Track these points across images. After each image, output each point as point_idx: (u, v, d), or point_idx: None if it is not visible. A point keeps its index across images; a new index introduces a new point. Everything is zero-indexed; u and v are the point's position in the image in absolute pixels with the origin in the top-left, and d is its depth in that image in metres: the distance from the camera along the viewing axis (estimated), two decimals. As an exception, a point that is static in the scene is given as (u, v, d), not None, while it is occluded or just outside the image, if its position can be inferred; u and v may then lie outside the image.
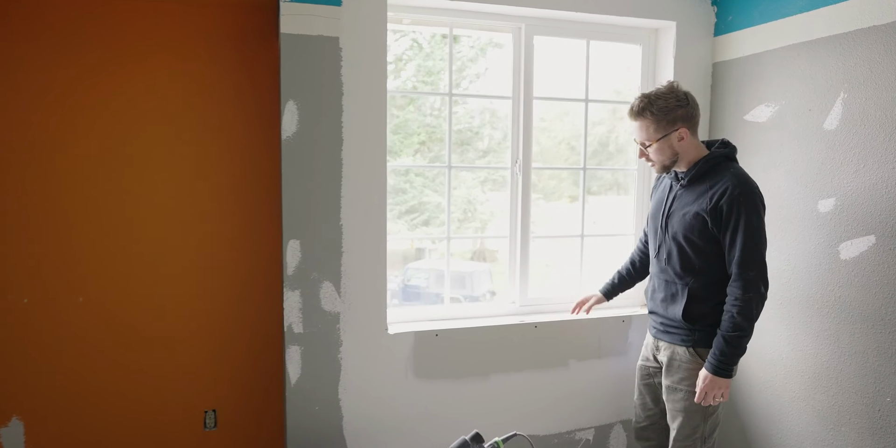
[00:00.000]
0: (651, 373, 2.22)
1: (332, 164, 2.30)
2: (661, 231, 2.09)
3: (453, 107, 2.58)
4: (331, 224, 2.32)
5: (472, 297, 5.95)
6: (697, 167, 1.97)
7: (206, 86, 2.48)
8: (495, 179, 2.95)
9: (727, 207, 1.87)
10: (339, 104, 2.28)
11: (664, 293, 2.08)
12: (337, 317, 2.37)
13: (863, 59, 2.07)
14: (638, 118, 1.95)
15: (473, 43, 2.75)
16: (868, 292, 2.08)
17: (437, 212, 2.82)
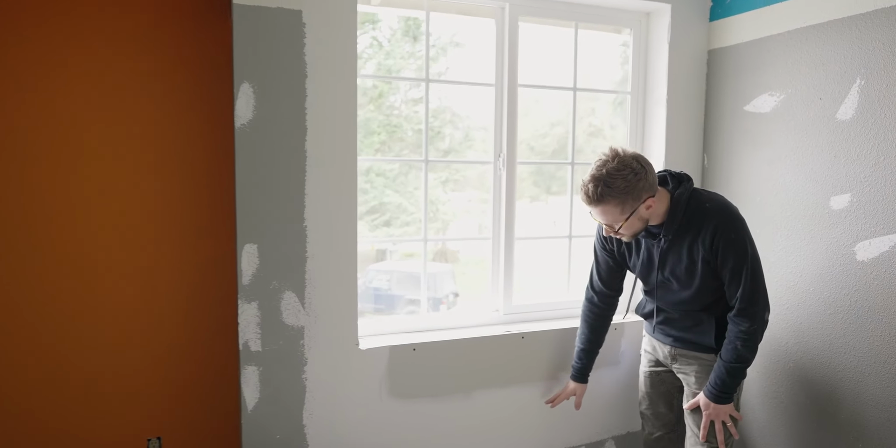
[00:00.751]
0: (664, 379, 2.12)
1: (295, 156, 2.00)
2: (665, 286, 1.96)
3: (414, 106, 2.38)
4: (293, 225, 2.02)
5: (436, 299, 5.71)
6: (676, 221, 1.82)
7: (152, 68, 2.14)
8: (457, 179, 2.90)
9: (723, 247, 1.77)
10: (303, 88, 1.99)
11: (685, 323, 1.97)
12: (301, 331, 2.07)
13: (883, 41, 1.90)
14: (598, 205, 1.73)
15: (435, 41, 2.59)
16: (890, 297, 1.91)
17: (399, 212, 2.64)
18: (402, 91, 2.68)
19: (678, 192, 1.82)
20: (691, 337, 1.96)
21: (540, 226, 2.74)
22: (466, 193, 2.97)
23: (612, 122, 2.85)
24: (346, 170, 2.07)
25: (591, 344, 2.22)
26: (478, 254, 3.36)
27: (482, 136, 2.60)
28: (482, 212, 2.64)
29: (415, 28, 2.45)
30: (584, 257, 2.67)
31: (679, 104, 2.51)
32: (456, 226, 2.95)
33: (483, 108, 2.46)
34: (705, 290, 1.86)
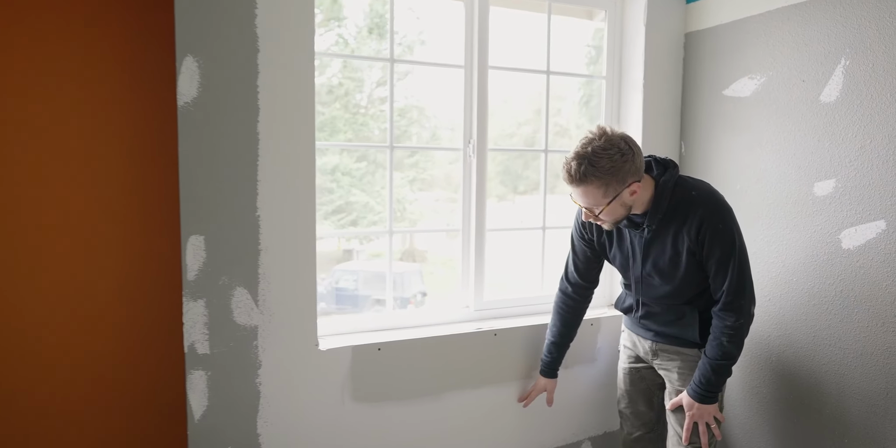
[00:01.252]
0: (644, 375, 2.02)
1: (246, 138, 1.82)
2: (646, 280, 1.85)
3: (380, 105, 2.26)
4: (244, 215, 1.84)
5: (404, 299, 5.57)
6: (661, 209, 1.70)
7: (82, 39, 1.92)
8: (424, 179, 2.87)
9: (710, 237, 1.67)
10: (255, 63, 1.81)
11: (668, 317, 1.87)
12: (254, 331, 1.89)
13: (869, 18, 1.82)
14: (581, 185, 1.61)
15: (401, 40, 2.49)
16: (876, 286, 1.83)
17: (366, 211, 2.56)
18: (367, 89, 2.62)
19: (663, 180, 1.70)
20: (674, 331, 1.86)
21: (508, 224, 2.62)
22: (434, 193, 2.89)
23: (577, 122, 2.80)
24: (304, 155, 1.89)
25: (563, 337, 2.11)
26: (446, 253, 3.29)
27: (449, 136, 2.52)
28: (450, 211, 2.57)
29: (381, 26, 2.35)
30: (559, 250, 2.55)
31: (656, 89, 2.41)
32: (424, 224, 2.88)
33: (451, 108, 2.35)
34: (689, 283, 1.76)
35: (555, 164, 2.50)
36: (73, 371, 1.98)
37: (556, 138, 2.81)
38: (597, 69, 2.58)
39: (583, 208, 1.70)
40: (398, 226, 2.30)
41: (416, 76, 2.53)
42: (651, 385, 2.02)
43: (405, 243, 3.80)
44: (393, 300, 2.24)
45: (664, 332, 1.88)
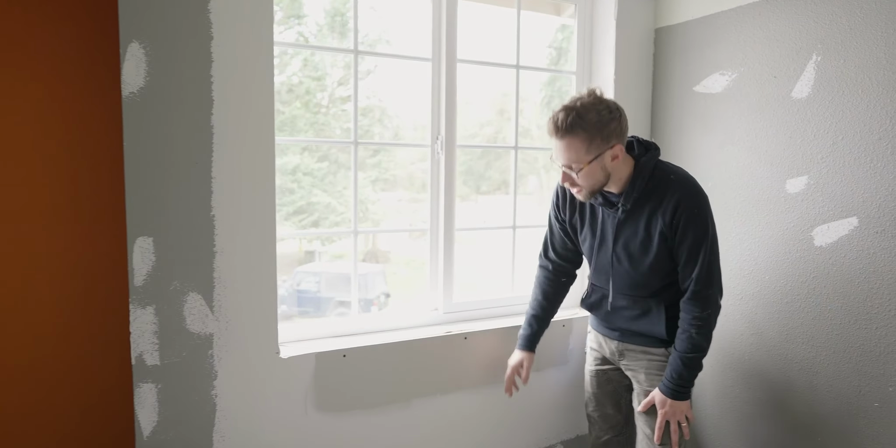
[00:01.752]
0: (611, 377, 1.96)
1: (199, 131, 1.69)
2: (615, 263, 1.77)
3: (342, 105, 2.17)
4: (198, 215, 1.71)
5: (367, 300, 5.45)
6: (637, 188, 1.65)
7: (18, 22, 1.75)
8: (387, 179, 2.86)
9: (684, 222, 1.62)
10: (208, 51, 1.68)
11: (634, 312, 1.82)
12: (209, 339, 1.76)
13: (840, 14, 1.80)
14: (566, 136, 1.56)
15: (363, 39, 2.42)
16: (849, 282, 1.82)
17: (328, 212, 2.48)
18: (329, 88, 2.56)
19: (644, 159, 1.66)
20: (640, 328, 1.80)
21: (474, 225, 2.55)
22: (396, 193, 2.83)
23: (539, 123, 2.78)
24: (263, 149, 1.77)
25: (544, 311, 2.04)
26: (410, 254, 3.23)
27: (411, 136, 2.45)
28: (413, 211, 2.50)
29: (342, 24, 2.27)
30: (530, 250, 2.48)
31: (626, 85, 2.37)
32: (386, 225, 2.85)
33: (413, 107, 2.27)
34: (657, 272, 1.71)
35: (524, 162, 2.44)
36: (6, 385, 1.81)
37: (518, 139, 2.77)
38: (560, 68, 2.53)
39: (562, 169, 1.62)
40: (361, 225, 2.19)
41: (379, 76, 2.46)
42: (618, 387, 1.95)
43: (368, 244, 3.71)
44: (357, 302, 2.14)
45: (630, 330, 1.83)
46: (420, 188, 2.78)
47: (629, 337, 1.84)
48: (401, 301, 3.88)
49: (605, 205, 1.72)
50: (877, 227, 1.75)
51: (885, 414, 1.76)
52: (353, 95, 2.06)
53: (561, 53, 2.68)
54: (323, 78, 2.48)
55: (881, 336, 1.76)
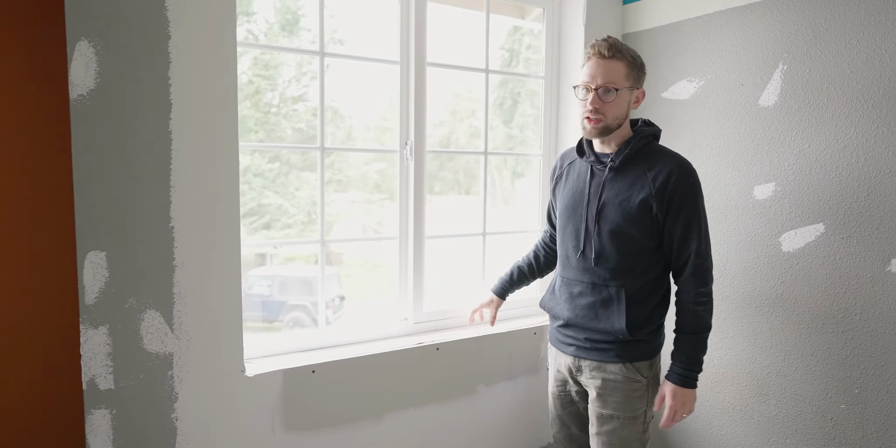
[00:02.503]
0: (573, 398, 1.82)
1: (156, 137, 1.57)
2: (587, 225, 1.69)
3: (293, 105, 2.22)
4: (155, 226, 1.59)
5: None
6: (630, 146, 1.63)
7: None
8: (339, 180, 2.75)
9: (679, 192, 1.58)
10: (165, 51, 1.57)
11: (591, 299, 1.69)
12: (169, 359, 1.64)
13: (806, 24, 1.84)
14: (612, 58, 1.58)
15: (314, 38, 2.34)
16: (816, 287, 1.86)
17: (279, 214, 2.43)
18: (280, 87, 2.51)
19: (642, 128, 1.68)
20: (598, 324, 1.66)
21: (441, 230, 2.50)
22: (349, 194, 2.75)
23: (492, 124, 2.76)
24: (226, 156, 1.67)
25: (529, 268, 2.08)
26: (363, 255, 3.16)
27: (364, 136, 2.39)
28: (366, 213, 2.46)
29: (293, 23, 2.19)
30: (500, 257, 2.45)
31: (595, 90, 2.36)
32: (340, 227, 2.74)
33: (367, 107, 2.21)
34: (629, 241, 1.62)
35: (478, 163, 2.39)
36: (-62, 417, 1.64)
37: (471, 139, 2.75)
38: (513, 69, 2.51)
39: (594, 91, 1.58)
40: (314, 228, 2.11)
41: (331, 75, 2.40)
42: (583, 407, 1.83)
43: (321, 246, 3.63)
44: (311, 305, 2.05)
45: (587, 330, 1.69)
46: (373, 189, 2.72)
47: (587, 345, 1.70)
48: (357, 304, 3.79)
49: (595, 162, 1.68)
50: (843, 233, 1.79)
51: (852, 416, 1.80)
52: (319, 99, 1.97)
53: (513, 55, 2.66)
54: (274, 77, 2.38)
55: (847, 339, 1.80)
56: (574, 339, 1.74)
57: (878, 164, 1.71)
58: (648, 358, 1.68)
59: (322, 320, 2.09)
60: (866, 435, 1.78)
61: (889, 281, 1.71)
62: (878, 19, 1.69)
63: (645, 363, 1.67)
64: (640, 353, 1.67)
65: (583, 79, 1.60)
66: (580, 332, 1.72)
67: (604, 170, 1.66)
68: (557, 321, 1.81)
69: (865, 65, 1.72)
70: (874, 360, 1.75)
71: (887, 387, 1.73)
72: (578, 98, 1.62)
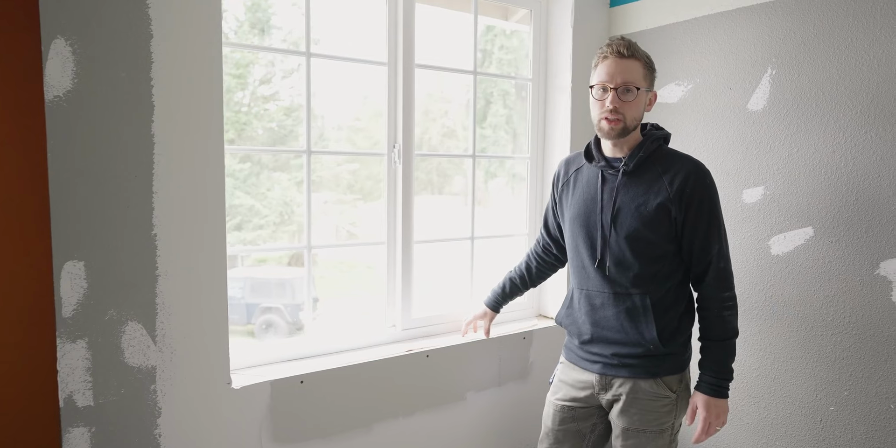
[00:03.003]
0: (578, 415, 1.72)
1: (138, 141, 1.50)
2: (603, 232, 1.62)
3: (264, 104, 2.19)
4: (137, 234, 1.52)
5: (294, 306, 5.22)
6: (643, 148, 1.59)
7: None
8: (313, 180, 2.79)
9: (698, 194, 1.54)
10: (147, 51, 1.50)
11: (615, 310, 1.62)
12: (151, 373, 1.57)
13: (794, 30, 1.85)
14: (630, 58, 1.55)
15: (286, 36, 2.31)
16: (806, 290, 1.88)
17: (251, 215, 2.39)
18: (251, 86, 2.46)
19: (652, 132, 1.64)
20: (626, 337, 1.60)
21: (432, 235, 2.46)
22: (322, 195, 2.72)
23: (464, 124, 2.75)
24: (212, 161, 1.61)
25: (522, 280, 2.02)
26: (338, 256, 3.13)
27: (337, 136, 2.36)
28: (339, 213, 2.45)
29: (263, 21, 2.14)
30: (487, 259, 2.43)
31: (583, 92, 2.35)
32: (313, 228, 2.70)
33: (340, 107, 2.17)
34: (649, 246, 1.56)
35: (451, 163, 2.37)
36: None
37: (443, 139, 2.74)
38: (485, 70, 2.49)
39: (612, 90, 1.53)
40: (286, 229, 2.06)
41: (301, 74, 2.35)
42: (583, 427, 1.72)
43: None
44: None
45: (614, 344, 1.63)
46: (346, 189, 2.68)
47: (613, 368, 1.63)
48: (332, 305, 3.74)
49: (606, 167, 1.63)
50: (832, 237, 1.81)
51: (841, 417, 1.82)
52: (305, 101, 1.92)
53: (486, 55, 2.64)
54: (244, 76, 2.32)
55: (837, 342, 1.82)
56: (600, 355, 1.65)
57: (866, 168, 1.73)
58: (679, 372, 1.62)
59: (309, 329, 2.03)
60: (855, 436, 1.80)
61: (878, 284, 1.73)
62: (865, 26, 1.71)
63: (675, 377, 1.62)
64: (671, 366, 1.61)
65: (600, 78, 1.56)
66: (606, 347, 1.64)
67: (616, 174, 1.61)
68: (579, 338, 1.71)
69: (853, 71, 1.74)
70: (863, 363, 1.77)
71: (876, 389, 1.75)
72: (594, 98, 1.57)
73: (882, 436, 1.74)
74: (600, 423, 1.74)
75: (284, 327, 5.23)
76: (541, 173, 2.48)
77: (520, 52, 2.71)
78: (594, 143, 1.69)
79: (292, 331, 5.00)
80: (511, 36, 2.82)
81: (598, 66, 1.59)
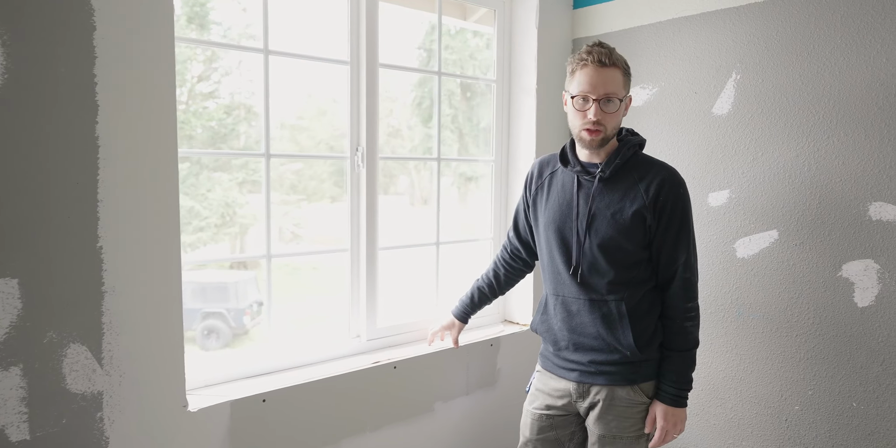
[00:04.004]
0: (556, 423, 1.70)
1: (80, 143, 1.36)
2: (578, 238, 1.60)
3: (203, 102, 2.14)
4: (80, 247, 1.37)
5: (238, 310, 5.02)
6: (620, 155, 1.57)
7: None
8: (255, 180, 2.67)
9: (671, 202, 1.53)
10: (89, 44, 1.35)
11: (591, 316, 1.60)
12: (98, 399, 1.42)
13: (758, 35, 1.88)
14: (611, 67, 1.51)
15: (225, 32, 2.21)
16: (770, 293, 1.91)
17: (190, 217, 2.32)
18: (188, 84, 2.41)
19: (627, 137, 1.62)
20: (603, 343, 1.58)
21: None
22: (264, 196, 2.64)
23: (409, 123, 2.71)
24: (164, 164, 1.48)
25: (490, 289, 1.96)
26: (280, 258, 3.07)
27: (280, 135, 2.30)
28: (283, 214, 2.35)
29: (201, 16, 2.02)
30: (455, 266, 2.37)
31: (548, 94, 2.33)
32: (255, 230, 2.69)
33: (282, 105, 2.08)
34: (623, 255, 1.55)
35: (396, 163, 2.30)
36: None
37: (388, 139, 2.69)
38: (430, 68, 2.43)
39: (594, 102, 1.50)
40: (227, 231, 1.95)
41: (243, 71, 2.25)
42: (562, 435, 1.70)
43: (234, 249, 3.43)
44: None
45: (591, 351, 1.61)
46: (289, 190, 2.58)
47: (590, 376, 1.61)
48: (277, 310, 3.63)
49: (583, 172, 1.60)
50: (796, 240, 1.84)
51: (805, 416, 1.86)
52: (264, 102, 1.80)
53: (430, 55, 2.59)
54: (181, 73, 2.21)
55: (801, 343, 1.86)
56: (577, 363, 1.63)
57: (830, 172, 1.77)
58: (655, 378, 1.61)
59: (270, 342, 1.90)
60: (819, 434, 1.84)
61: (840, 286, 1.77)
62: (827, 34, 1.75)
63: (651, 383, 1.61)
64: (647, 373, 1.59)
65: (581, 88, 1.51)
66: (583, 354, 1.62)
67: (592, 181, 1.58)
68: (555, 345, 1.69)
69: (816, 77, 1.78)
70: (826, 362, 1.81)
71: (839, 388, 1.79)
72: (575, 108, 1.53)
73: (845, 433, 1.79)
74: (578, 430, 1.72)
75: (228, 333, 4.99)
76: (505, 176, 2.44)
77: (464, 53, 2.66)
78: (570, 146, 1.66)
79: (237, 336, 4.78)
80: (456, 36, 2.77)
81: (576, 73, 1.54)
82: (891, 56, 1.65)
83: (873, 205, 1.70)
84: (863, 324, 1.74)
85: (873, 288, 1.71)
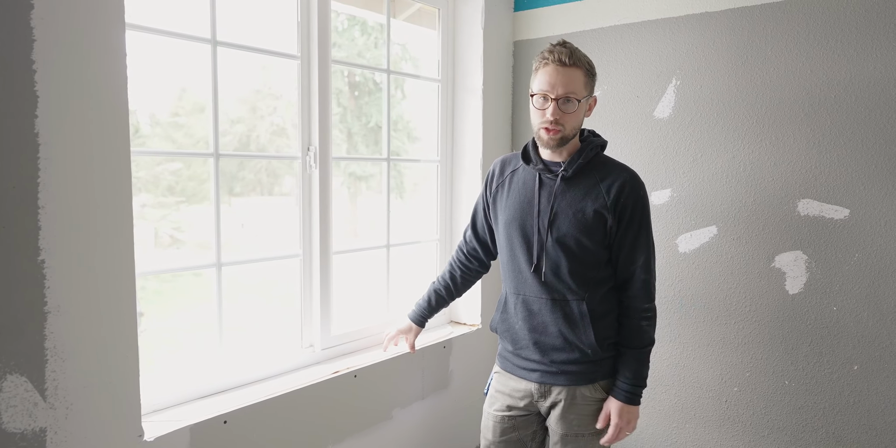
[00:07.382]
0: (518, 424, 1.71)
1: (16, 142, 1.16)
2: (540, 236, 1.61)
3: None
4: (17, 262, 1.18)
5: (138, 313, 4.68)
6: (583, 155, 1.60)
7: None
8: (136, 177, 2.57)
9: (632, 203, 1.57)
10: (26, 25, 1.16)
11: (552, 316, 1.61)
12: (41, 437, 1.23)
13: (696, 44, 2.01)
14: (572, 67, 1.51)
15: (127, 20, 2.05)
16: (710, 284, 2.05)
17: None
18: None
19: (589, 138, 1.64)
20: (564, 343, 1.60)
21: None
22: (139, 198, 2.52)
23: (294, 121, 2.66)
24: (115, 165, 1.31)
25: (447, 291, 1.94)
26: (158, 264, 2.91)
27: (153, 133, 2.20)
28: (161, 217, 2.30)
29: None
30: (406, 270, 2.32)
31: (493, 94, 2.35)
32: (129, 234, 2.48)
33: (153, 101, 1.97)
34: (584, 253, 1.57)
35: (281, 162, 2.24)
36: None
37: (273, 138, 2.61)
38: None
39: (553, 101, 1.50)
40: None
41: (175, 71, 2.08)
42: (524, 436, 1.72)
43: None
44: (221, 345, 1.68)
45: (553, 350, 1.63)
46: (166, 191, 2.45)
47: (552, 376, 1.63)
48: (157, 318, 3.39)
49: (545, 171, 1.61)
50: (734, 235, 1.99)
51: (743, 397, 2.02)
52: (212, 97, 1.65)
53: (339, 49, 2.54)
54: None
55: (739, 329, 2.01)
56: (538, 363, 1.64)
57: (762, 172, 1.93)
58: (610, 377, 1.64)
59: (222, 359, 1.75)
60: (756, 412, 2.01)
61: (773, 275, 1.94)
62: (759, 46, 1.91)
63: (610, 381, 1.64)
64: (607, 371, 1.63)
65: (540, 87, 1.52)
66: (545, 354, 1.63)
67: (554, 179, 1.60)
68: (515, 344, 1.69)
69: (749, 85, 1.93)
70: (762, 346, 1.98)
71: (773, 368, 1.97)
72: (534, 106, 1.54)
73: (779, 409, 1.96)
74: (540, 429, 1.74)
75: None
76: (450, 177, 2.42)
77: (352, 50, 2.61)
78: (532, 145, 1.67)
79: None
80: (343, 33, 2.71)
81: (538, 71, 1.55)
82: (814, 68, 1.83)
83: (801, 201, 1.88)
84: (793, 309, 1.91)
85: (802, 276, 1.89)
